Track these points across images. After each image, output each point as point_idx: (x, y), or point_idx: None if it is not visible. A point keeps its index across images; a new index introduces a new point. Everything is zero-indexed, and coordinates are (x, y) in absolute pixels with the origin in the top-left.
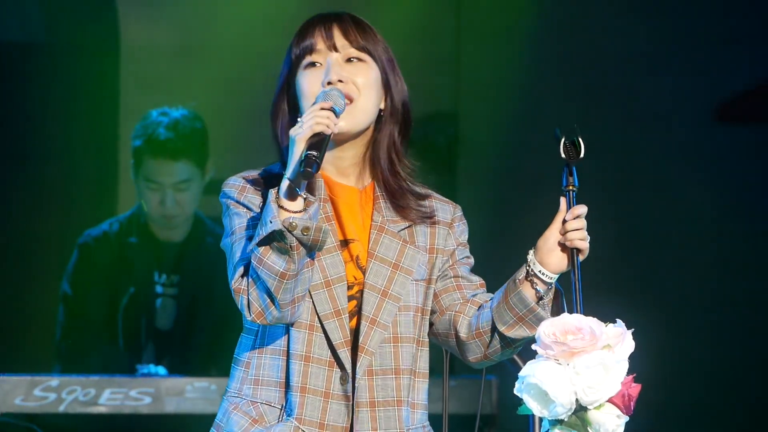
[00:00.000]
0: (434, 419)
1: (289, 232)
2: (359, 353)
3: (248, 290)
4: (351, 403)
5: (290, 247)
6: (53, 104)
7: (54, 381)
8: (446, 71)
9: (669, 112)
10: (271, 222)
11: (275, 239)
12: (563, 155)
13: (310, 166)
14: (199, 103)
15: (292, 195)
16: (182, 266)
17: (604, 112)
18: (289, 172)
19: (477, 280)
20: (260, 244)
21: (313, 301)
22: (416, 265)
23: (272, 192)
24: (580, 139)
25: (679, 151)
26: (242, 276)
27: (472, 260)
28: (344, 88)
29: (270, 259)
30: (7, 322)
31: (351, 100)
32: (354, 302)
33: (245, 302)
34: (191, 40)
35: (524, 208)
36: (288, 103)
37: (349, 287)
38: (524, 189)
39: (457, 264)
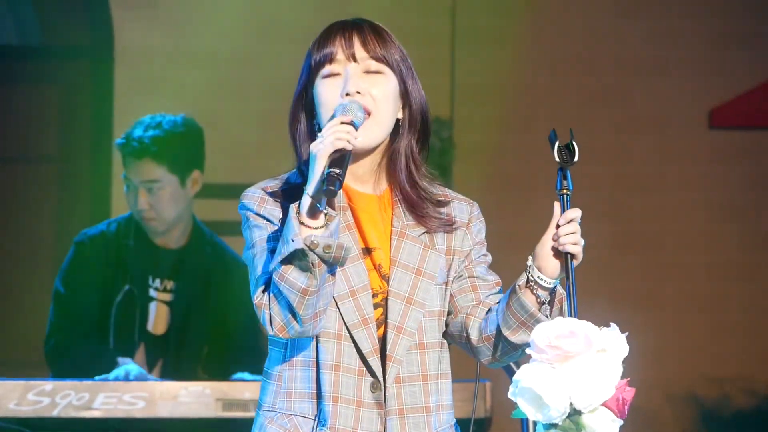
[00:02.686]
0: None
1: (311, 250)
2: (387, 362)
3: (270, 305)
4: (383, 410)
5: (312, 264)
6: (48, 106)
7: (48, 385)
8: (441, 74)
9: (663, 116)
10: (293, 240)
11: (297, 257)
12: (557, 159)
13: (333, 184)
14: (193, 106)
15: (313, 211)
16: (179, 273)
17: (598, 115)
18: (309, 188)
19: (493, 279)
20: (283, 262)
21: (339, 311)
22: (438, 269)
23: (293, 208)
24: (575, 143)
25: (673, 154)
26: (264, 291)
27: (489, 258)
28: (362, 101)
29: (292, 276)
30: (2, 324)
31: (368, 114)
32: (380, 310)
33: (267, 317)
34: (185, 43)
35: (519, 211)
36: (305, 111)
37: (374, 295)
38: (519, 192)
39: (473, 264)
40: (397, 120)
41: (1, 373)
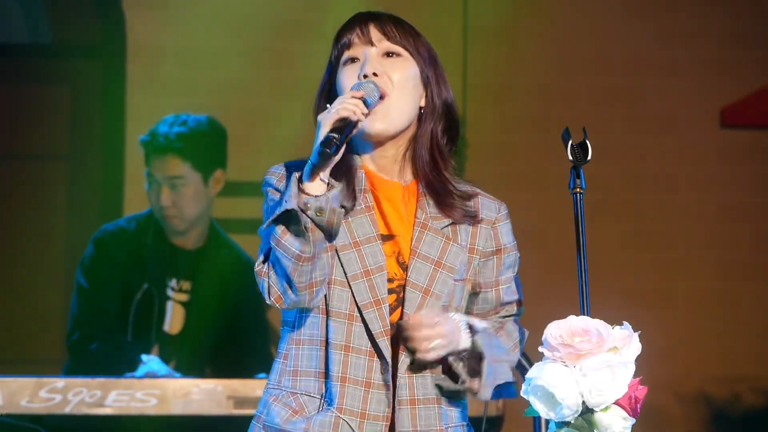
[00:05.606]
0: None
1: (303, 212)
2: (401, 351)
3: (269, 273)
4: (391, 392)
5: (305, 228)
6: (59, 105)
7: (60, 382)
8: (453, 74)
9: (674, 115)
10: (286, 201)
11: (292, 220)
12: (571, 157)
13: (329, 147)
14: (205, 104)
15: (314, 178)
16: (195, 275)
17: (609, 115)
18: (313, 155)
19: (515, 299)
20: (275, 222)
21: (352, 291)
22: (458, 263)
23: (296, 174)
24: (588, 142)
25: (684, 153)
26: (264, 260)
27: (515, 270)
28: (379, 82)
29: (287, 241)
30: (14, 321)
31: (384, 96)
32: (394, 296)
33: (266, 285)
34: (197, 41)
35: (531, 210)
36: (330, 101)
37: (390, 281)
38: (531, 191)
39: (502, 284)
40: (421, 108)
41: (13, 370)
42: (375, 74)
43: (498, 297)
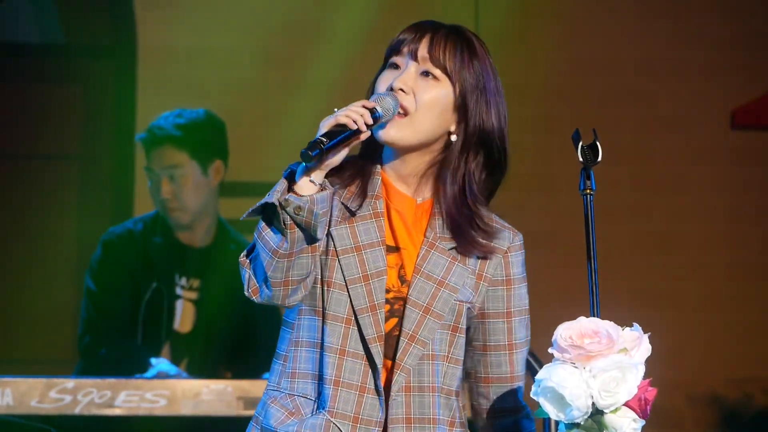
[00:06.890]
0: None
1: (283, 208)
2: (395, 370)
3: (251, 264)
4: (384, 397)
5: (284, 224)
6: (70, 105)
7: (70, 383)
8: None
9: (685, 117)
10: (269, 195)
11: (275, 215)
12: (581, 159)
13: (312, 148)
14: (216, 104)
15: (304, 179)
16: (204, 272)
17: (620, 116)
18: None
19: (524, 338)
20: (255, 213)
21: (350, 296)
22: (462, 283)
23: (290, 170)
24: (598, 143)
25: (694, 155)
26: (249, 251)
27: (526, 302)
28: (403, 99)
29: (267, 234)
30: (24, 321)
31: (407, 113)
32: (388, 306)
33: (246, 276)
34: (208, 41)
35: (541, 211)
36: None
37: (387, 291)
38: (541, 192)
39: (515, 318)
40: (450, 133)
41: (23, 370)
42: (402, 90)
43: (510, 330)
